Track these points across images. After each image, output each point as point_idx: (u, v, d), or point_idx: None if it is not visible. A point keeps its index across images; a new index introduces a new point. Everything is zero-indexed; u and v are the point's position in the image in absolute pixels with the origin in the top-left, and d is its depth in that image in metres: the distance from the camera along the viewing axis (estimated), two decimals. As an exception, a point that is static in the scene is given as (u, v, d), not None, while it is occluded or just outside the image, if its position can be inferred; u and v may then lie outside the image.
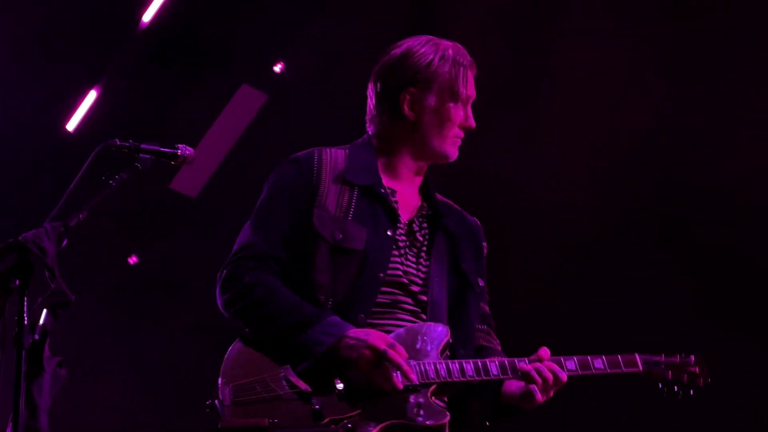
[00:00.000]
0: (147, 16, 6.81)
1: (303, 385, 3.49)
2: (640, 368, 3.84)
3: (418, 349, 3.61)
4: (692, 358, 3.97)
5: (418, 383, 3.53)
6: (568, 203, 7.22)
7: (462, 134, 3.89)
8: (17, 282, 3.10)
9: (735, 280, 7.16)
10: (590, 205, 7.20)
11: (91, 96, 7.04)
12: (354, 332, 3.53)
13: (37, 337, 3.09)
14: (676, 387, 3.95)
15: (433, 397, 3.58)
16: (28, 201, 6.16)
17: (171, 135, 5.73)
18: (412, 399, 3.55)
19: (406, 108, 3.84)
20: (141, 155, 3.47)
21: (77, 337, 6.76)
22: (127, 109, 6.97)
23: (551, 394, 3.68)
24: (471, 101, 3.89)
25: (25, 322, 3.07)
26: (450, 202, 4.03)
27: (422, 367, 3.58)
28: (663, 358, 3.93)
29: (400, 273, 3.73)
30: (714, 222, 7.13)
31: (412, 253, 3.80)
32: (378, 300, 3.67)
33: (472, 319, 3.86)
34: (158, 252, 7.74)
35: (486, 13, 7.02)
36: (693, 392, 3.95)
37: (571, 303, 7.07)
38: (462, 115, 3.86)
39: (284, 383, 3.50)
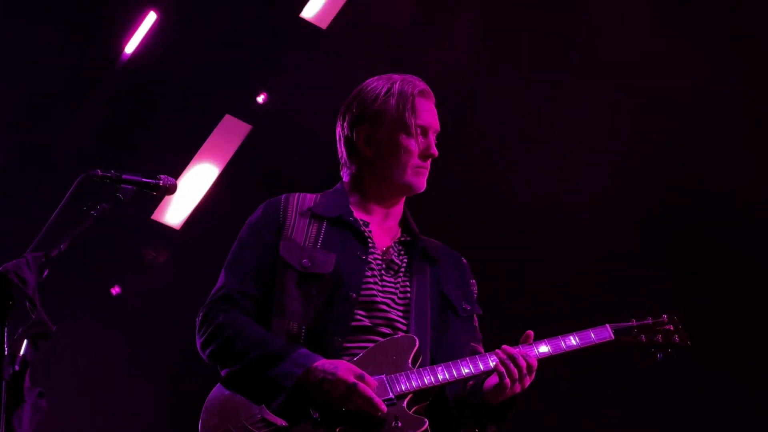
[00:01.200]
0: (129, 48, 6.81)
1: (279, 421, 3.50)
2: (612, 336, 3.79)
3: (391, 363, 3.61)
4: (665, 317, 3.93)
5: (387, 411, 3.50)
6: (568, 204, 7.21)
7: (425, 163, 3.85)
8: (-3, 313, 3.12)
9: (735, 280, 7.15)
10: (590, 206, 7.20)
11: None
12: (321, 363, 3.53)
13: (17, 367, 3.07)
14: (653, 349, 3.89)
15: (410, 408, 3.57)
16: (9, 230, 6.15)
17: (153, 165, 5.73)
18: (388, 413, 3.52)
19: (361, 145, 3.86)
20: (122, 185, 3.46)
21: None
22: (109, 138, 6.97)
23: (527, 383, 3.62)
24: (432, 129, 3.87)
25: (6, 352, 3.05)
26: (433, 240, 4.00)
27: (394, 381, 3.57)
28: (635, 322, 3.89)
29: (376, 293, 3.72)
30: (714, 222, 7.11)
31: (389, 275, 3.80)
32: (354, 323, 3.66)
33: (454, 340, 3.83)
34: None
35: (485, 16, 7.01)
36: (671, 351, 3.89)
37: (571, 303, 7.06)
38: (420, 143, 3.83)
39: (260, 423, 3.51)
